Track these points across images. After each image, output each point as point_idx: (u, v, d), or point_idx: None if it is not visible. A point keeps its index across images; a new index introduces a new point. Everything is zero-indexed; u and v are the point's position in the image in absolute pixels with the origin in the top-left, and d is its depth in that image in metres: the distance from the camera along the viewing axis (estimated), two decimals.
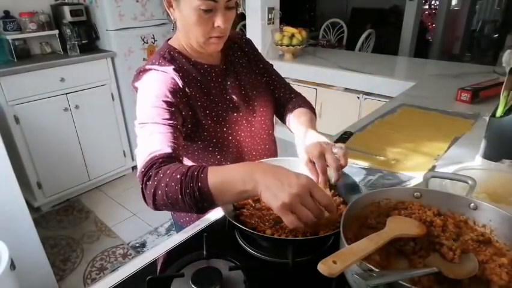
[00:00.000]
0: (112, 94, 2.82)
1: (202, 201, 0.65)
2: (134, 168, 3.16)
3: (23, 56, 2.58)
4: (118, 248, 2.29)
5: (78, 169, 2.74)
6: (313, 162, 0.78)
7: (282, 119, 1.11)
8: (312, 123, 0.95)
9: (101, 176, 2.91)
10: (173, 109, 0.82)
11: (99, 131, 2.81)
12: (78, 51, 2.68)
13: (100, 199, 2.80)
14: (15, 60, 2.50)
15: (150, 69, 0.87)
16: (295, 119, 0.99)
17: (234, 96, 0.97)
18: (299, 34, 2.52)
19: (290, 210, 0.58)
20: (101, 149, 2.85)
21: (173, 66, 0.87)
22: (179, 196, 0.66)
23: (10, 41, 2.47)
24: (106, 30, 2.75)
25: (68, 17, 2.67)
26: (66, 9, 2.66)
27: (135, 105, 0.87)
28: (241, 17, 4.07)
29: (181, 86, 0.86)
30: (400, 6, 5.45)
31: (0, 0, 2.51)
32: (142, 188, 0.71)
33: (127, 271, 0.70)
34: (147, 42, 2.91)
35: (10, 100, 2.30)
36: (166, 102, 0.81)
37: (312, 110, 1.06)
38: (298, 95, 1.12)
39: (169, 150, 0.75)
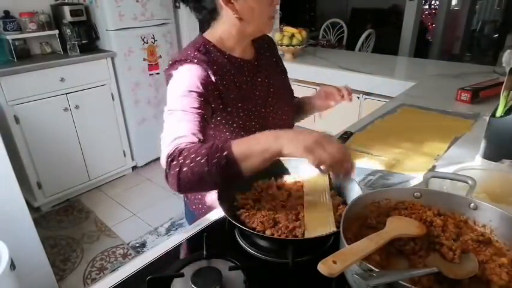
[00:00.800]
0: (112, 94, 2.82)
1: (229, 169, 0.68)
2: (134, 168, 3.16)
3: (23, 56, 2.58)
4: (118, 248, 2.29)
5: (78, 169, 2.74)
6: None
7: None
8: None
9: (101, 176, 2.91)
10: (202, 99, 0.84)
11: (99, 131, 2.81)
12: (78, 51, 2.68)
13: (100, 199, 2.80)
14: (15, 60, 2.50)
15: (186, 60, 0.89)
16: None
17: (263, 93, 1.01)
18: (299, 34, 2.52)
19: (312, 151, 0.64)
20: (101, 149, 2.85)
21: (207, 59, 0.89)
22: (206, 168, 0.68)
23: (10, 41, 2.47)
24: (106, 30, 2.75)
25: (68, 17, 2.67)
26: (66, 9, 2.66)
27: (135, 105, 0.88)
28: None
29: (213, 80, 0.88)
30: (400, 6, 5.45)
31: (0, 0, 2.51)
32: (166, 170, 0.73)
33: (127, 271, 0.70)
34: (147, 42, 2.91)
35: (10, 100, 2.30)
36: (196, 92, 0.84)
37: None
38: None
39: (194, 137, 0.77)
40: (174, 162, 0.71)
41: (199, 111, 0.82)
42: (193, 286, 0.59)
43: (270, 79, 1.04)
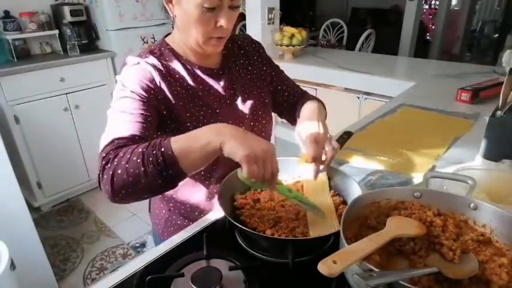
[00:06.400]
0: (112, 94, 2.81)
1: (167, 167, 0.62)
2: None
3: (23, 56, 2.58)
4: (118, 248, 2.29)
5: (78, 169, 2.74)
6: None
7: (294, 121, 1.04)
8: (317, 113, 0.92)
9: None
10: (145, 101, 0.78)
11: (99, 131, 2.79)
12: (78, 51, 2.68)
13: (100, 199, 2.79)
14: (15, 60, 2.50)
15: (134, 60, 0.84)
16: (302, 111, 0.96)
17: (222, 103, 0.92)
18: (299, 34, 2.52)
19: (255, 162, 0.61)
20: None
21: (157, 62, 0.84)
22: (142, 168, 0.62)
23: (10, 41, 2.48)
24: (106, 30, 2.75)
25: (68, 17, 2.67)
26: (66, 9, 2.66)
27: None
28: (241, 17, 4.06)
29: (157, 83, 0.82)
30: (400, 6, 5.45)
31: (1, 0, 2.51)
32: (99, 174, 0.66)
33: (127, 271, 0.70)
34: (147, 42, 2.91)
35: (10, 100, 2.30)
36: (139, 94, 0.78)
37: (321, 102, 1.03)
38: (307, 94, 1.09)
39: (135, 138, 0.71)
40: (108, 165, 0.65)
41: (142, 112, 0.75)
42: (193, 286, 0.59)
43: (235, 90, 0.94)
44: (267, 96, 1.03)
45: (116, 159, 0.64)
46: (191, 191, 0.95)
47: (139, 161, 0.62)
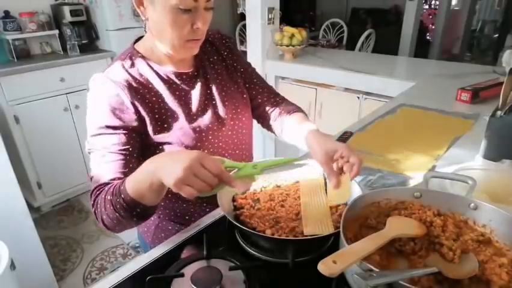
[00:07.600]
0: None
1: (133, 209, 0.68)
2: None
3: (23, 56, 2.58)
4: (118, 248, 2.29)
5: (78, 169, 2.74)
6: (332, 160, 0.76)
7: (267, 125, 1.05)
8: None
9: None
10: (122, 132, 0.78)
11: None
12: (78, 51, 2.68)
13: None
14: (15, 60, 2.50)
15: (100, 79, 0.82)
16: (299, 124, 0.93)
17: (200, 107, 0.89)
18: (299, 34, 2.51)
19: (185, 183, 0.58)
20: None
21: (128, 77, 0.82)
22: (116, 214, 0.69)
23: (10, 41, 2.47)
24: (106, 30, 2.75)
25: (68, 17, 2.67)
26: (66, 9, 2.66)
27: None
28: (241, 17, 4.07)
29: (129, 104, 0.80)
30: (400, 6, 5.45)
31: (1, 0, 2.51)
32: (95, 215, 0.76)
33: (127, 271, 0.70)
34: None
35: (10, 100, 2.30)
36: (112, 127, 0.79)
37: (305, 113, 1.02)
38: (284, 99, 1.08)
39: (114, 179, 0.75)
40: (95, 212, 0.74)
41: (120, 147, 0.77)
42: (193, 286, 0.59)
43: (211, 90, 0.92)
44: (244, 90, 1.01)
45: (98, 206, 0.73)
46: (179, 196, 0.92)
47: (111, 208, 0.70)
